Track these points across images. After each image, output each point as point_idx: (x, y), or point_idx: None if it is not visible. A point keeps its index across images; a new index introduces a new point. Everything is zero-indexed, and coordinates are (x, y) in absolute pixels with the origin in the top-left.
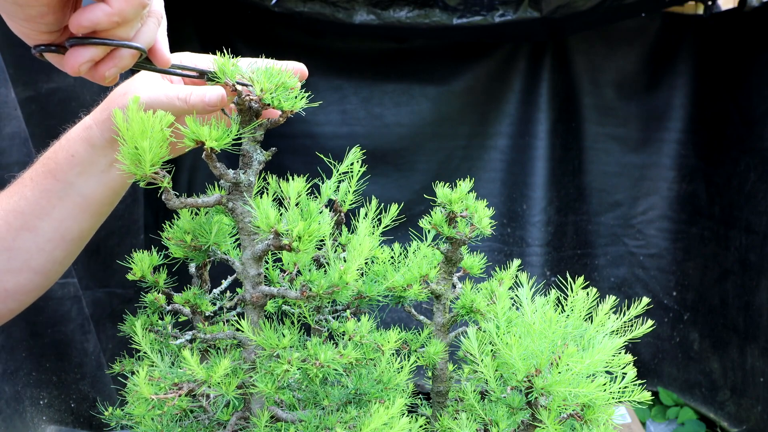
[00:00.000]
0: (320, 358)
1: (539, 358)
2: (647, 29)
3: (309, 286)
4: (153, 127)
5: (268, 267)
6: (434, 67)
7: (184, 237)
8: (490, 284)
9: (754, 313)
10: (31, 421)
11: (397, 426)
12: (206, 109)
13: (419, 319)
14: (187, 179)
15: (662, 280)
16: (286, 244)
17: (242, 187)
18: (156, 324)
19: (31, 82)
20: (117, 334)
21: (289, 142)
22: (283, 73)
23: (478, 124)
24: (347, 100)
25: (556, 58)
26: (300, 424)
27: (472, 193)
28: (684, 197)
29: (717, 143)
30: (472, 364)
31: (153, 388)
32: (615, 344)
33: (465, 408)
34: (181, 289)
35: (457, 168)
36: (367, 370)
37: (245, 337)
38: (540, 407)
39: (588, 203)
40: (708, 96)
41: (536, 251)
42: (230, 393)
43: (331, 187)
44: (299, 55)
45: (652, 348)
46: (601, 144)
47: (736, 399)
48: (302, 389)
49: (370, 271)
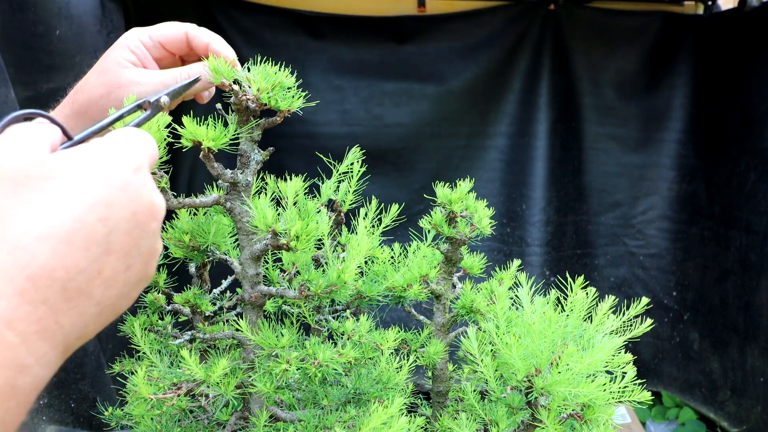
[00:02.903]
0: (319, 357)
1: (539, 358)
2: (647, 29)
3: (307, 285)
4: (150, 128)
5: (268, 267)
6: (434, 67)
7: (183, 237)
8: (490, 284)
9: (754, 313)
10: (31, 421)
11: (396, 425)
12: (205, 86)
13: (419, 319)
14: (187, 180)
15: (662, 280)
16: (284, 243)
17: (240, 187)
18: (156, 324)
19: (31, 82)
20: (117, 334)
21: (289, 142)
22: (280, 72)
23: (477, 124)
24: (347, 100)
25: (556, 58)
26: (299, 423)
27: (472, 193)
28: (684, 197)
29: (717, 143)
30: (472, 364)
31: (152, 388)
32: (615, 344)
33: (465, 408)
34: (181, 289)
35: (457, 168)
36: (367, 369)
37: (244, 336)
38: (540, 407)
39: (588, 203)
40: (708, 96)
41: (536, 251)
42: (229, 393)
43: (330, 187)
44: (299, 55)
45: (652, 348)
46: (601, 144)
47: (736, 399)
48: (301, 389)
49: (369, 270)
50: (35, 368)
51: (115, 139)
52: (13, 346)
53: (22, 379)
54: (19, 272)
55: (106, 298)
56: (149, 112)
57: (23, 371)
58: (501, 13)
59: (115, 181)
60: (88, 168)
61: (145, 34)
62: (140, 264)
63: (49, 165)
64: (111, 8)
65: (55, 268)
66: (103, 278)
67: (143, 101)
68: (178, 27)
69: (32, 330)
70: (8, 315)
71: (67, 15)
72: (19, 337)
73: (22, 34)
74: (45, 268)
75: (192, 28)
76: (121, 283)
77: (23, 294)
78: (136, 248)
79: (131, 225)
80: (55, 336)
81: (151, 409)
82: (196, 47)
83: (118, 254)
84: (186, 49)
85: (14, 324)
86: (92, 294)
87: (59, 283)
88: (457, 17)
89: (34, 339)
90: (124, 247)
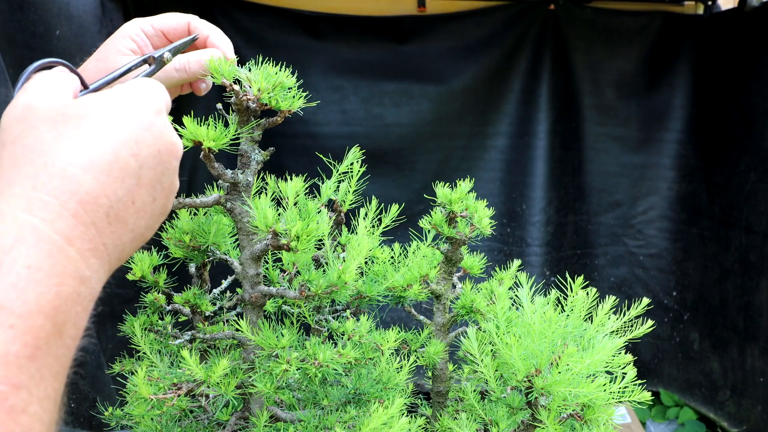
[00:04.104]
0: (319, 357)
1: (539, 358)
2: (647, 29)
3: (308, 285)
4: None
5: (268, 267)
6: (434, 67)
7: (183, 237)
8: (490, 284)
9: (754, 313)
10: None
11: (396, 426)
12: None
13: (419, 319)
14: (187, 180)
15: (662, 280)
16: (284, 243)
17: (240, 187)
18: (156, 324)
19: None
20: (117, 334)
21: (289, 142)
22: (280, 72)
23: (477, 124)
24: (347, 100)
25: (556, 58)
26: (299, 423)
27: (472, 193)
28: (684, 197)
29: (717, 143)
30: (472, 364)
31: (152, 388)
32: (615, 344)
33: (465, 408)
34: (181, 289)
35: (457, 168)
36: (367, 369)
37: (244, 337)
38: (540, 407)
39: (588, 203)
40: (708, 96)
41: (536, 251)
42: (229, 393)
43: (330, 187)
44: (300, 55)
45: (652, 348)
46: (601, 144)
47: (736, 399)
48: (302, 389)
49: (370, 271)
50: (92, 281)
51: (135, 85)
52: (74, 260)
53: (83, 289)
54: (70, 198)
55: (137, 226)
56: (154, 67)
57: (83, 282)
58: (501, 13)
59: (141, 121)
60: (118, 109)
61: (147, 23)
62: (163, 198)
63: (83, 105)
64: (111, 8)
65: (99, 195)
66: (135, 208)
67: (148, 56)
68: (180, 17)
69: (86, 248)
70: (68, 234)
71: (67, 15)
72: (78, 254)
73: (22, 34)
74: (91, 194)
75: (194, 19)
76: (149, 214)
77: (77, 216)
78: (160, 183)
79: (156, 161)
80: (103, 256)
81: (151, 410)
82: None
83: (147, 187)
84: None
85: (73, 242)
86: (127, 221)
87: (103, 209)
88: (457, 17)
89: (89, 256)
90: (151, 180)
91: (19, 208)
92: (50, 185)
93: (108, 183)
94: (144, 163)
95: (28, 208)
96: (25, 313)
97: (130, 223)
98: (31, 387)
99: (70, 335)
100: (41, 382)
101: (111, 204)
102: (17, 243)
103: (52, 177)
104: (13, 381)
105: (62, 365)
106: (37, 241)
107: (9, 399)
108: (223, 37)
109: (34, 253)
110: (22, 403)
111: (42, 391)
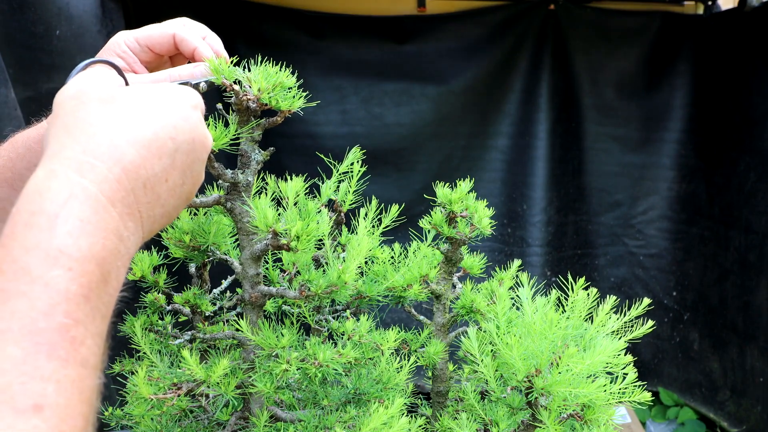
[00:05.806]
0: (319, 357)
1: (539, 358)
2: (647, 29)
3: (308, 285)
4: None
5: (268, 267)
6: (434, 67)
7: (183, 237)
8: (490, 284)
9: (754, 313)
10: None
11: (396, 426)
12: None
13: (419, 319)
14: None
15: (662, 280)
16: (284, 243)
17: (240, 187)
18: (156, 324)
19: (31, 82)
20: (117, 334)
21: (289, 142)
22: (280, 72)
23: (478, 124)
24: (347, 100)
25: (556, 58)
26: (299, 423)
27: (472, 193)
28: (684, 197)
29: (717, 143)
30: (472, 364)
31: (152, 388)
32: (615, 345)
33: (465, 408)
34: (181, 289)
35: (457, 168)
36: (367, 369)
37: (244, 336)
38: (540, 407)
39: (588, 203)
40: (708, 96)
41: (536, 251)
42: (229, 393)
43: (331, 187)
44: (299, 55)
45: (652, 348)
46: (601, 144)
47: (736, 399)
48: (302, 389)
49: (370, 271)
50: (129, 241)
51: (174, 85)
52: (115, 219)
53: (122, 247)
54: (115, 164)
55: (168, 203)
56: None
57: (122, 240)
58: (501, 13)
59: (180, 110)
60: (161, 98)
61: (131, 38)
62: (191, 184)
63: (130, 91)
64: (111, 8)
65: (139, 166)
66: (168, 186)
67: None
68: (165, 28)
69: (126, 211)
70: (111, 196)
71: (67, 15)
72: (118, 215)
73: (22, 34)
74: (133, 164)
75: (179, 29)
76: (178, 194)
77: (119, 182)
78: (190, 169)
79: (190, 147)
80: (138, 221)
81: (151, 409)
82: (184, 51)
83: (179, 169)
84: (174, 51)
85: (115, 204)
86: (160, 195)
87: (141, 179)
88: (457, 17)
89: (127, 218)
90: (183, 164)
91: (71, 169)
92: (98, 151)
93: (147, 157)
94: (179, 147)
95: (79, 170)
96: (80, 258)
97: (162, 198)
98: (87, 323)
99: (113, 286)
100: (93, 320)
101: (148, 176)
102: (70, 199)
103: (100, 145)
104: (74, 316)
105: (108, 310)
106: (86, 198)
107: (71, 331)
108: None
109: (84, 209)
110: (80, 335)
111: (94, 328)
